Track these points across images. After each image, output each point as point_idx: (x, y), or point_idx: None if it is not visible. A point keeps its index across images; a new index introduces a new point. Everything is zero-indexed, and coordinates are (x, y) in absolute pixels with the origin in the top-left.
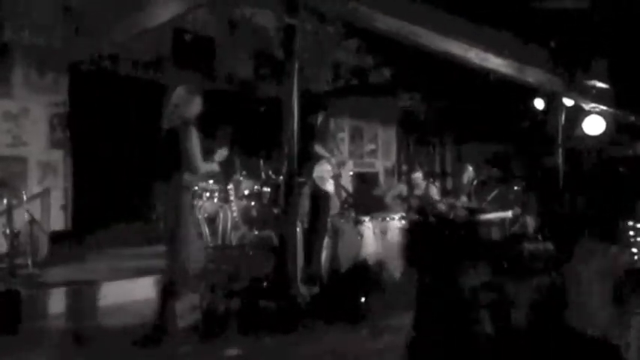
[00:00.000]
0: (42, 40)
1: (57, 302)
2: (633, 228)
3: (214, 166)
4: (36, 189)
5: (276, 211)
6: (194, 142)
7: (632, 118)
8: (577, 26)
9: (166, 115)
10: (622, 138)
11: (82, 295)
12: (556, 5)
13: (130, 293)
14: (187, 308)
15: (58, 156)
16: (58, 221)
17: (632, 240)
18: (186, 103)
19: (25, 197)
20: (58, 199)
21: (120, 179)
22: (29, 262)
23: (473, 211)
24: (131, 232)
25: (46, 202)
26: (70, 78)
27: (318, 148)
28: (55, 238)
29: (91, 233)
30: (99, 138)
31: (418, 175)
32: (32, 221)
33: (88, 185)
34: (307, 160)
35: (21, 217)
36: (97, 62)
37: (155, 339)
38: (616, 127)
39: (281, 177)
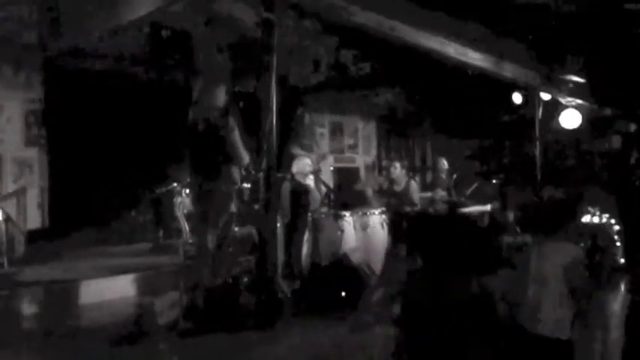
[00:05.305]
0: (16, 35)
1: (33, 301)
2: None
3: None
4: (11, 187)
5: (256, 207)
6: (237, 131)
7: (608, 112)
8: (554, 21)
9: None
10: (598, 132)
11: (59, 293)
12: (533, 0)
13: (107, 292)
14: (167, 305)
15: (33, 153)
16: (34, 220)
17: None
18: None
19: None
20: (34, 197)
21: (97, 177)
22: (5, 260)
23: (452, 205)
24: (108, 231)
25: (21, 201)
26: (45, 74)
27: (294, 148)
28: (32, 236)
29: (68, 232)
30: (75, 135)
31: (396, 165)
32: (8, 220)
33: (64, 183)
34: (286, 155)
35: None
36: (73, 58)
37: None
38: (592, 121)
39: (260, 173)
